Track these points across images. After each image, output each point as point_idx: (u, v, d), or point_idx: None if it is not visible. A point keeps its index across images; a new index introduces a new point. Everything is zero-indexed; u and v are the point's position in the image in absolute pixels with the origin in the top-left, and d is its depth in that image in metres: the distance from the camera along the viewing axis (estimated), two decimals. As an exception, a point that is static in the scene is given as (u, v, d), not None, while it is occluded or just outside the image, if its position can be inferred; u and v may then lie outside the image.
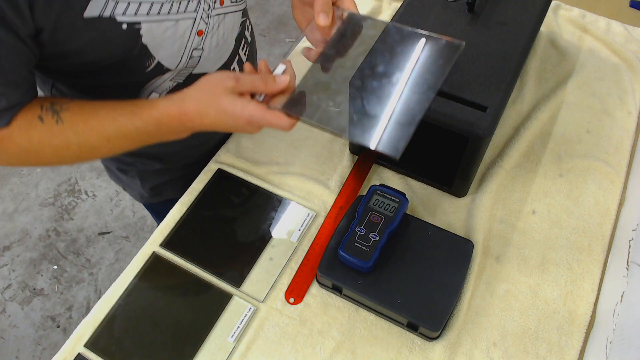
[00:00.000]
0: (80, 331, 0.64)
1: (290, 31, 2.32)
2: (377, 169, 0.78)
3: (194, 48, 0.63)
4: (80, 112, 0.56)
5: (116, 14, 0.52)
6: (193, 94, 0.54)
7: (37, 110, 0.54)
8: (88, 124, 0.55)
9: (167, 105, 0.55)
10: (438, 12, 0.73)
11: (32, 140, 0.55)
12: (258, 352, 0.62)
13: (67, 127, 0.55)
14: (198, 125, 0.54)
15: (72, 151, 0.56)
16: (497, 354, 0.61)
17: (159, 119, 0.55)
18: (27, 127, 0.54)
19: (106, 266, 1.67)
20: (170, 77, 0.64)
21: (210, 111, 0.53)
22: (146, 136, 0.57)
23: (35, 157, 0.56)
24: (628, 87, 0.86)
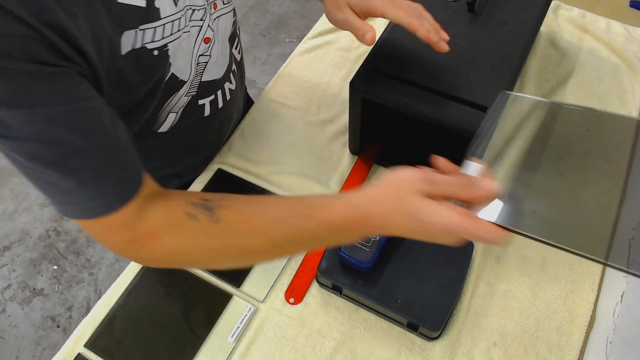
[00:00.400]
0: (80, 331, 0.64)
1: (290, 31, 2.32)
2: (377, 169, 0.78)
3: (199, 54, 0.62)
4: (241, 211, 0.48)
5: (146, 43, 0.52)
6: (376, 196, 0.47)
7: (184, 207, 0.48)
8: (252, 225, 0.47)
9: (345, 207, 0.47)
10: (438, 12, 0.73)
11: (183, 241, 0.47)
12: (258, 352, 0.62)
13: (226, 227, 0.47)
14: (381, 229, 0.47)
15: (231, 254, 0.49)
16: (497, 354, 0.61)
17: (337, 223, 0.47)
18: (177, 226, 0.47)
19: (106, 266, 1.67)
20: (185, 92, 0.64)
21: (396, 217, 0.45)
22: (321, 240, 0.49)
23: (185, 258, 0.49)
24: (628, 87, 0.86)
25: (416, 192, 0.45)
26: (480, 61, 0.67)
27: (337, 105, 0.86)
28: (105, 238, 0.48)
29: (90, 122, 0.44)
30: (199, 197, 0.49)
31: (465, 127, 0.61)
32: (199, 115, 0.69)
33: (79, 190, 0.44)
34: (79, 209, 0.45)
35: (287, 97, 0.88)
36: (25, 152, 0.42)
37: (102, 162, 0.45)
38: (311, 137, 0.82)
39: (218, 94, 0.70)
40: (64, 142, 0.42)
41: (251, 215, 0.48)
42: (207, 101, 0.69)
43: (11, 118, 0.40)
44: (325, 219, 0.46)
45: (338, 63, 0.92)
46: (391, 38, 0.70)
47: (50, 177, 0.43)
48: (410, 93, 0.64)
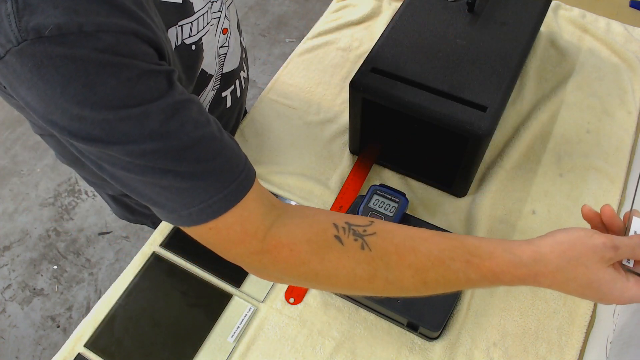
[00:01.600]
0: (80, 331, 0.64)
1: (290, 31, 2.32)
2: (377, 169, 0.78)
3: (220, 46, 0.63)
4: (393, 241, 0.45)
5: (185, 38, 0.52)
6: (551, 257, 0.43)
7: (331, 228, 0.45)
8: (405, 259, 0.44)
9: (511, 265, 0.43)
10: (438, 12, 0.73)
11: (326, 262, 0.44)
12: (258, 352, 0.62)
13: (375, 255, 0.44)
14: (543, 285, 0.44)
15: (375, 285, 0.45)
16: (497, 354, 0.61)
17: (500, 278, 0.44)
18: (321, 246, 0.44)
19: (106, 266, 1.67)
20: (212, 86, 0.64)
21: (571, 283, 0.42)
22: (472, 285, 0.46)
23: (325, 281, 0.45)
24: (628, 87, 0.86)
25: (601, 261, 0.42)
26: (480, 61, 0.67)
27: (337, 105, 0.86)
28: (231, 247, 0.45)
29: (197, 113, 0.42)
30: (345, 220, 0.46)
31: (465, 127, 0.61)
32: (222, 107, 0.71)
33: (196, 187, 0.41)
34: (198, 210, 0.42)
35: (287, 97, 0.88)
36: (138, 154, 0.39)
37: (216, 152, 0.42)
38: (311, 137, 0.82)
39: (236, 83, 0.72)
40: (178, 136, 0.40)
41: (403, 247, 0.45)
42: (229, 92, 0.70)
43: (124, 120, 0.38)
44: (489, 271, 0.43)
45: (338, 63, 0.92)
46: (391, 38, 0.70)
47: (163, 180, 0.41)
48: (410, 93, 0.64)
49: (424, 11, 0.73)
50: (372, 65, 0.67)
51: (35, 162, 1.92)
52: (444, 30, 0.70)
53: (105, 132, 0.38)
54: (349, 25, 0.98)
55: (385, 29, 0.72)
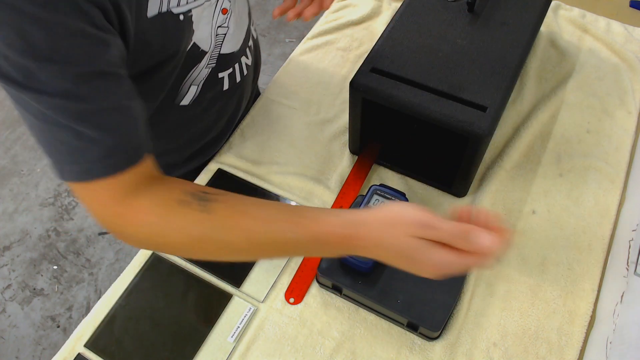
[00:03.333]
0: (80, 331, 0.64)
1: (290, 31, 2.32)
2: (377, 169, 0.78)
3: (218, 26, 0.63)
4: (234, 208, 0.48)
5: (172, 7, 0.53)
6: (372, 222, 0.46)
7: (178, 193, 0.48)
8: (240, 223, 0.48)
9: (337, 223, 0.47)
10: (438, 12, 0.73)
11: (168, 223, 0.47)
12: (258, 352, 0.62)
13: (213, 219, 0.47)
14: (367, 252, 0.47)
15: (208, 246, 0.49)
16: (497, 354, 0.61)
17: (326, 239, 0.47)
18: (164, 206, 0.48)
19: (106, 266, 1.67)
20: (206, 63, 0.65)
21: (390, 250, 0.46)
22: (303, 251, 0.51)
23: (164, 240, 0.49)
24: (628, 87, 0.86)
25: (410, 235, 0.45)
26: (480, 61, 0.67)
27: (337, 105, 0.86)
28: (96, 207, 0.49)
29: (112, 86, 0.45)
30: (197, 189, 0.50)
31: (465, 127, 0.61)
32: (219, 89, 0.71)
33: (88, 149, 0.45)
34: (82, 169, 0.46)
35: (287, 97, 0.88)
36: (47, 105, 0.43)
37: (116, 126, 0.46)
38: (311, 137, 0.82)
39: (236, 67, 0.72)
40: (86, 100, 0.43)
41: (242, 214, 0.48)
42: (226, 74, 0.71)
43: (42, 71, 0.41)
44: (315, 232, 0.47)
45: (338, 63, 0.92)
46: (391, 38, 0.70)
47: (62, 135, 0.44)
48: (410, 93, 0.64)
49: (424, 11, 0.73)
50: (372, 65, 0.67)
51: (35, 162, 1.92)
52: (444, 30, 0.70)
53: (22, 77, 0.41)
54: (349, 25, 0.98)
55: (385, 29, 0.72)
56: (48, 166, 1.90)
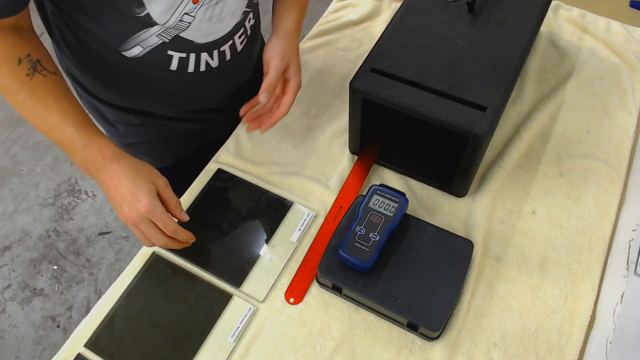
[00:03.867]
0: (80, 331, 0.64)
1: (290, 31, 2.32)
2: (377, 169, 0.78)
3: (185, 12, 0.63)
4: (51, 87, 0.60)
5: None
6: (133, 162, 0.62)
7: (22, 53, 0.58)
8: (46, 98, 0.60)
9: (107, 145, 0.61)
10: (438, 12, 0.73)
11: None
12: (258, 352, 0.62)
13: (30, 85, 0.59)
14: (109, 174, 0.61)
15: (16, 100, 0.59)
16: (497, 354, 0.61)
17: (91, 145, 0.61)
18: (1, 58, 0.57)
19: (106, 266, 1.67)
20: (157, 32, 0.65)
21: (125, 180, 0.60)
22: (69, 144, 0.61)
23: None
24: (628, 87, 0.86)
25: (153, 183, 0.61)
26: (480, 61, 0.67)
27: (337, 105, 0.86)
28: None
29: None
30: (38, 57, 0.60)
31: (465, 127, 0.61)
32: (165, 64, 0.70)
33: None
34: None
35: (287, 97, 0.88)
36: None
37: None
38: (311, 137, 0.82)
39: (190, 56, 0.70)
40: None
41: (54, 95, 0.60)
42: (177, 56, 0.69)
43: None
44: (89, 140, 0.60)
45: (338, 63, 0.92)
46: (391, 38, 0.70)
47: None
48: (410, 93, 0.64)
49: (424, 11, 0.73)
50: (371, 66, 0.67)
51: (35, 162, 1.92)
52: (444, 30, 0.70)
53: None
54: (349, 25, 0.98)
55: (385, 29, 0.72)
56: (48, 166, 1.90)
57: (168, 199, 0.63)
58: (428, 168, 0.76)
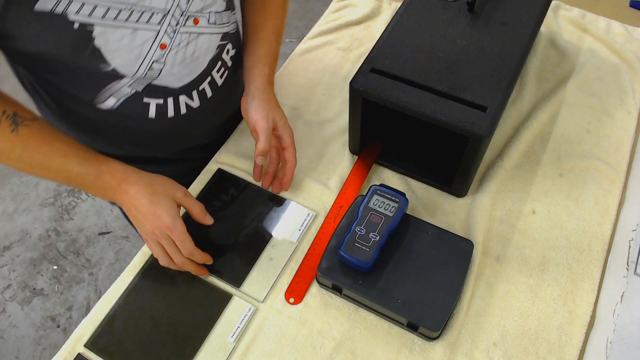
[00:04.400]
0: (80, 331, 0.64)
1: (290, 31, 2.32)
2: (377, 169, 0.78)
3: (154, 60, 0.61)
4: (39, 133, 0.58)
5: (68, 12, 0.51)
6: (147, 179, 0.62)
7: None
8: (40, 147, 0.58)
9: (118, 168, 0.62)
10: (438, 12, 0.73)
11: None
12: (258, 352, 0.62)
13: (19, 138, 0.57)
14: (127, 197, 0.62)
15: (9, 158, 0.58)
16: (497, 354, 0.61)
17: (101, 172, 0.61)
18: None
19: (106, 266, 1.67)
20: (128, 83, 0.63)
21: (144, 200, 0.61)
22: (82, 181, 0.61)
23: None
24: (628, 87, 0.86)
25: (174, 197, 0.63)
26: (480, 61, 0.67)
27: (337, 105, 0.86)
28: None
29: None
30: (12, 110, 0.57)
31: (466, 127, 0.61)
32: (143, 113, 0.68)
33: None
34: None
35: (287, 97, 0.88)
36: None
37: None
38: (311, 137, 0.82)
39: (168, 101, 0.68)
40: None
41: (44, 140, 0.59)
42: (154, 103, 0.68)
43: None
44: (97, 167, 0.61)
45: (338, 63, 0.92)
46: (391, 38, 0.70)
47: None
48: (410, 93, 0.64)
49: (424, 11, 0.73)
50: (371, 66, 0.67)
51: (35, 162, 1.92)
52: (444, 30, 0.70)
53: None
54: (349, 25, 0.98)
55: (385, 29, 0.72)
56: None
57: (190, 207, 0.65)
58: (428, 168, 0.76)
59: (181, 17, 0.61)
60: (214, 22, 0.66)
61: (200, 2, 0.63)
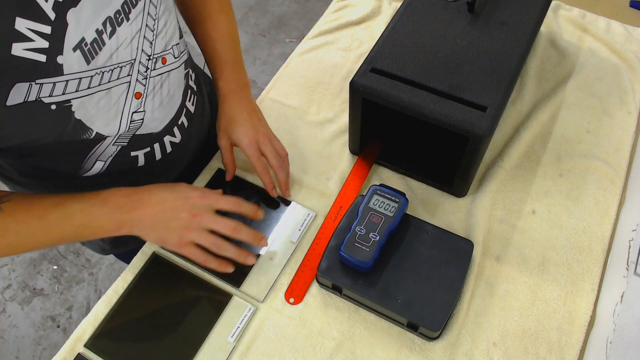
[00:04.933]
0: (80, 331, 0.64)
1: (290, 31, 2.33)
2: (377, 169, 0.78)
3: (133, 112, 0.60)
4: (22, 202, 0.55)
5: (42, 97, 0.48)
6: (154, 185, 0.61)
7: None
8: (30, 211, 0.55)
9: (119, 189, 0.59)
10: (438, 12, 0.73)
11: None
12: (258, 352, 0.62)
13: (6, 214, 0.54)
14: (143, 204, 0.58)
15: (8, 239, 0.55)
16: (497, 354, 0.61)
17: (105, 197, 0.57)
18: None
19: (106, 266, 1.67)
20: (112, 141, 0.61)
21: (164, 193, 0.59)
22: (87, 218, 0.57)
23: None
24: (628, 87, 0.86)
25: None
26: (480, 61, 0.67)
27: (337, 105, 0.86)
28: None
29: None
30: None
31: (465, 127, 0.61)
32: (132, 165, 0.67)
33: None
34: None
35: (287, 97, 0.88)
36: None
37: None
38: (311, 137, 0.82)
39: (155, 146, 0.68)
40: None
41: (30, 204, 0.56)
42: (141, 153, 0.67)
43: None
44: (96, 196, 0.58)
45: (338, 63, 0.92)
46: (391, 38, 0.70)
47: None
48: (410, 93, 0.64)
49: (424, 11, 0.73)
50: (372, 65, 0.67)
51: (35, 162, 1.92)
52: (444, 30, 0.70)
53: None
54: (349, 25, 0.98)
55: (385, 29, 0.72)
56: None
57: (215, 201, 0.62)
58: (428, 168, 0.76)
59: (149, 61, 0.59)
60: (177, 55, 0.65)
61: (163, 41, 0.61)
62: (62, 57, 0.48)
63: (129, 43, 0.55)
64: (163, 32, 0.60)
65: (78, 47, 0.49)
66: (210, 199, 0.61)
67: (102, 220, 0.57)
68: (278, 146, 0.74)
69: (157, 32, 0.59)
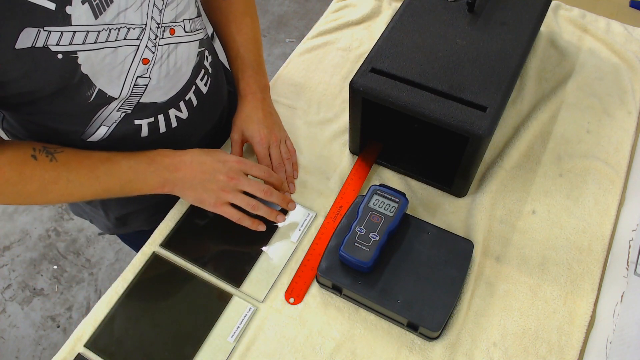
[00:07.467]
0: (80, 331, 0.64)
1: (290, 31, 2.33)
2: (377, 169, 0.78)
3: (138, 76, 0.61)
4: (75, 155, 0.60)
5: (49, 44, 0.50)
6: (194, 149, 0.66)
7: (30, 151, 0.58)
8: (82, 162, 0.60)
9: (163, 150, 0.64)
10: (438, 12, 0.73)
11: (23, 174, 0.57)
12: (258, 352, 0.62)
13: (60, 164, 0.59)
14: (185, 166, 0.64)
15: (59, 186, 0.59)
16: (497, 354, 0.61)
17: (152, 157, 0.63)
18: (19, 163, 0.57)
19: (106, 266, 1.67)
20: (117, 106, 0.62)
21: (203, 157, 0.64)
22: (134, 174, 0.62)
23: (21, 190, 0.58)
24: (628, 87, 0.86)
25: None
26: (480, 61, 0.67)
27: (337, 105, 0.86)
28: None
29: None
30: (43, 145, 0.59)
31: (465, 127, 0.61)
32: (135, 134, 0.68)
33: None
34: None
35: (287, 97, 0.88)
36: None
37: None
38: (311, 137, 0.82)
39: (159, 118, 0.68)
40: None
41: (82, 156, 0.61)
42: (145, 122, 0.67)
43: None
44: (143, 154, 0.64)
45: (338, 63, 0.92)
46: (391, 38, 0.70)
47: None
48: (410, 93, 0.64)
49: (424, 11, 0.73)
50: (371, 66, 0.67)
51: (35, 162, 1.92)
52: (444, 30, 0.70)
53: None
54: (349, 25, 0.98)
55: (385, 29, 0.72)
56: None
57: (250, 167, 0.68)
58: (428, 168, 0.76)
59: (158, 29, 0.61)
60: (189, 30, 0.66)
61: (173, 12, 0.62)
62: (71, 7, 0.50)
63: (139, 7, 0.57)
64: (174, 4, 0.62)
65: (87, 0, 0.51)
66: (245, 165, 0.66)
67: (148, 178, 0.62)
68: (290, 146, 0.78)
69: (167, 1, 0.61)
